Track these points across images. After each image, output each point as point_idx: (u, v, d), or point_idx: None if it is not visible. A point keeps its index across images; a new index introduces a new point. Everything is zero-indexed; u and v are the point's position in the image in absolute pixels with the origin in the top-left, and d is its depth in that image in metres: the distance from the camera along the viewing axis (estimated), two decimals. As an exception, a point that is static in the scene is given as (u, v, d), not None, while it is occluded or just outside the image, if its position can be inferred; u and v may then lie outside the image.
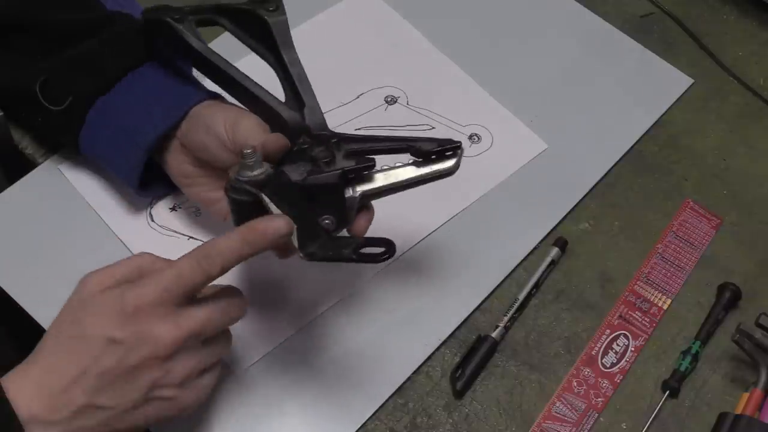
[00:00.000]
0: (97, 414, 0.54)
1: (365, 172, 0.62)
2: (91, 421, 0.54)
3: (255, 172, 0.58)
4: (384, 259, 0.57)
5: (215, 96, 0.69)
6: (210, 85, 0.68)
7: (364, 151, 0.62)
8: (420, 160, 0.62)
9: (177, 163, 0.68)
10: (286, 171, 0.60)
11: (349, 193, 0.61)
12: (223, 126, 0.64)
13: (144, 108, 0.67)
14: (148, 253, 0.59)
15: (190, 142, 0.66)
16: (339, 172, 0.60)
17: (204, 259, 0.55)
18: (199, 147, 0.66)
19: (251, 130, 0.63)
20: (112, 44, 0.69)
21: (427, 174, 0.62)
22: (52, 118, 0.69)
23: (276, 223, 0.56)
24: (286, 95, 0.65)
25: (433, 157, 0.62)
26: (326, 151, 0.61)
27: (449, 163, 0.62)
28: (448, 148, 0.62)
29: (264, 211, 0.58)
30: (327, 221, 0.60)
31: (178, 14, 0.66)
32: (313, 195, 0.60)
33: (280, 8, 0.66)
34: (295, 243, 0.57)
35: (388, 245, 0.58)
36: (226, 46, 0.70)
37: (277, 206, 0.58)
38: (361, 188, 0.62)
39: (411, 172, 0.62)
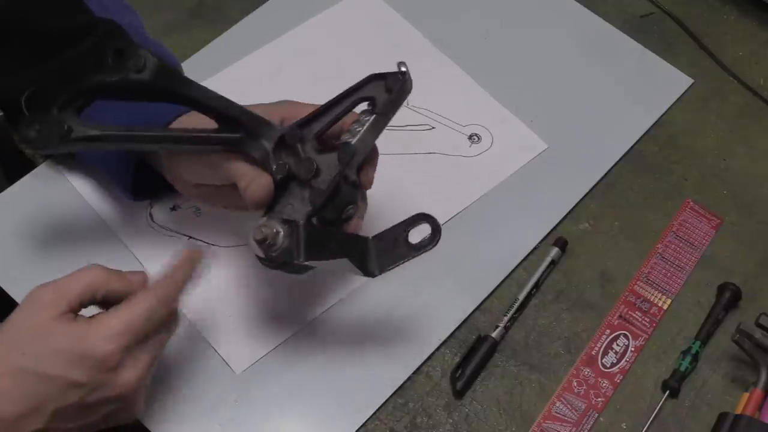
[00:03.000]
0: None
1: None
2: None
3: (279, 245, 0.58)
4: (436, 242, 0.61)
5: (188, 111, 0.69)
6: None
7: (328, 127, 0.62)
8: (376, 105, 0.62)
9: (170, 171, 0.68)
10: (291, 209, 0.60)
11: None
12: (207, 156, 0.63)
13: (126, 120, 0.67)
14: (98, 267, 0.58)
15: (172, 156, 0.66)
16: (335, 180, 0.60)
17: (171, 301, 0.57)
18: (180, 163, 0.66)
19: (235, 172, 0.62)
20: (93, 53, 0.69)
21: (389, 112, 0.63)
22: None
23: (192, 252, 0.60)
24: (220, 126, 0.62)
25: (388, 92, 0.62)
26: (304, 163, 0.60)
27: (397, 99, 0.63)
28: (394, 80, 0.62)
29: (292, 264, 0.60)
30: (351, 210, 0.62)
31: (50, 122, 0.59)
32: (328, 210, 0.61)
33: (147, 63, 0.59)
34: (359, 274, 0.60)
35: (432, 225, 0.61)
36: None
37: (330, 262, 0.60)
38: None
39: (368, 123, 0.62)
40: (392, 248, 0.62)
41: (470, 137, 0.81)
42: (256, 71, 0.82)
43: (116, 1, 0.75)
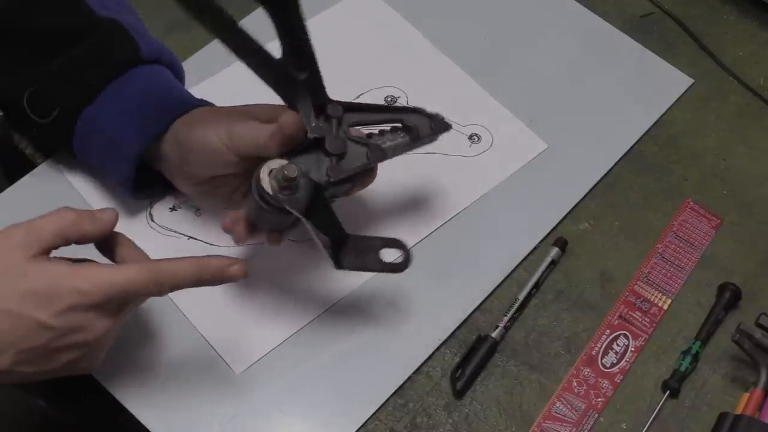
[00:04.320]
0: (13, 376, 0.55)
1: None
2: (8, 379, 0.55)
3: (297, 195, 0.60)
4: (404, 269, 0.65)
5: (204, 104, 0.69)
6: (202, 90, 0.68)
7: (362, 124, 0.66)
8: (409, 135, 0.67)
9: (174, 169, 0.68)
10: (306, 169, 0.61)
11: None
12: (215, 137, 0.63)
13: (127, 119, 0.67)
14: (69, 209, 0.57)
15: (183, 152, 0.66)
16: (358, 169, 0.63)
17: (156, 285, 0.56)
18: (192, 157, 0.66)
19: (251, 131, 0.62)
20: (95, 52, 0.69)
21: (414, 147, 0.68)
22: (43, 129, 0.69)
23: (233, 270, 0.59)
24: (284, 54, 0.63)
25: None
26: (338, 139, 0.63)
27: (434, 139, 0.68)
28: (440, 125, 0.68)
29: (283, 214, 0.61)
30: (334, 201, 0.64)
31: None
32: (330, 191, 0.64)
33: None
34: (330, 260, 0.62)
35: (405, 254, 0.65)
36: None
37: (316, 231, 0.61)
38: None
39: (402, 143, 0.67)
40: (364, 255, 0.65)
41: (470, 137, 0.81)
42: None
43: (117, 1, 0.75)
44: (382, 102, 0.82)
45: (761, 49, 0.91)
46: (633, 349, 0.72)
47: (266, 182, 0.60)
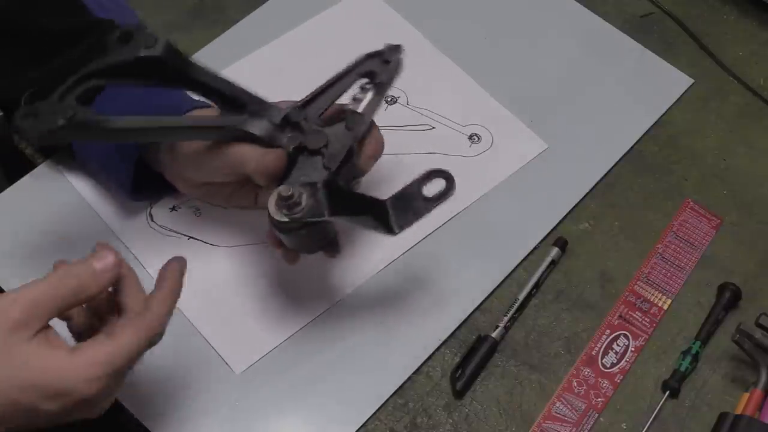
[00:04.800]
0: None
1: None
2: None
3: (304, 204, 0.59)
4: (451, 192, 0.64)
5: (201, 105, 0.69)
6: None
7: (329, 105, 0.65)
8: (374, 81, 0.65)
9: (172, 172, 0.68)
10: (305, 179, 0.61)
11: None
12: (204, 146, 0.63)
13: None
14: (68, 276, 0.52)
15: (177, 157, 0.66)
16: (349, 145, 0.63)
17: (157, 337, 0.54)
18: (185, 162, 0.66)
19: (245, 154, 0.62)
20: (92, 53, 0.69)
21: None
22: None
23: (178, 264, 0.57)
24: (223, 111, 0.63)
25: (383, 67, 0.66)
26: (314, 135, 0.62)
27: (396, 70, 0.66)
28: (391, 52, 0.66)
29: (314, 227, 0.61)
30: (355, 184, 0.65)
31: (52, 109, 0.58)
32: (340, 177, 0.63)
33: (158, 41, 0.59)
34: (385, 233, 0.62)
35: (447, 179, 0.63)
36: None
37: (353, 220, 0.62)
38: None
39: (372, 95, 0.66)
40: (408, 206, 0.64)
41: (470, 137, 0.81)
42: (256, 71, 0.82)
43: (116, 2, 0.75)
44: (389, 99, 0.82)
45: (761, 49, 0.91)
46: (633, 349, 0.72)
47: (276, 212, 0.59)
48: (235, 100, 0.62)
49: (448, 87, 0.84)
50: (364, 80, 0.66)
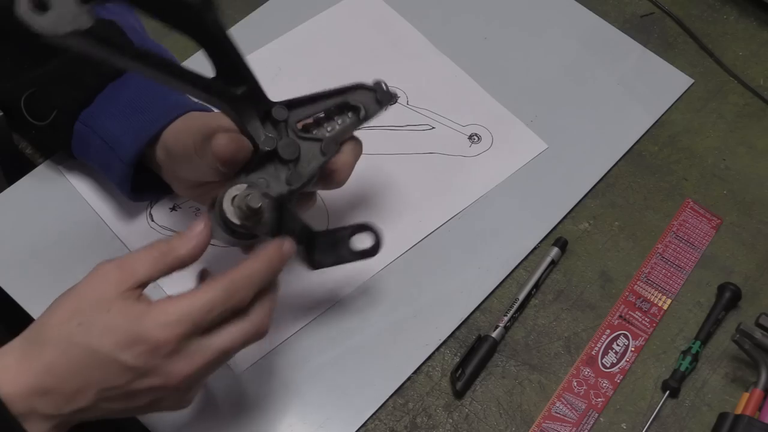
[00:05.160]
0: (100, 412, 0.54)
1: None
2: (93, 414, 0.54)
3: (265, 218, 0.57)
4: (376, 252, 0.65)
5: (199, 107, 0.69)
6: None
7: (310, 116, 0.63)
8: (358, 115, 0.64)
9: (168, 173, 0.68)
10: (265, 184, 0.59)
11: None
12: (192, 144, 0.62)
13: (124, 121, 0.67)
14: (161, 241, 0.55)
15: (170, 157, 0.66)
16: (315, 169, 0.61)
17: (236, 293, 0.54)
18: (177, 163, 0.65)
19: (221, 147, 0.60)
20: None
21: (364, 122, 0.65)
22: (41, 131, 0.69)
23: (287, 245, 0.58)
24: (218, 73, 0.60)
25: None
26: (290, 145, 0.60)
27: (381, 111, 0.65)
28: (384, 96, 0.65)
29: (246, 239, 0.59)
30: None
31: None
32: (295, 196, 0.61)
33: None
34: (304, 263, 0.61)
35: (375, 237, 0.65)
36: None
37: (290, 236, 0.59)
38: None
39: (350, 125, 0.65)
40: (333, 248, 0.64)
41: (470, 137, 0.81)
42: (256, 71, 0.82)
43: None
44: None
45: (761, 49, 0.91)
46: (633, 349, 0.72)
47: (230, 212, 0.57)
48: (241, 71, 0.59)
49: (448, 87, 0.84)
50: (349, 108, 0.65)
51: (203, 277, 0.59)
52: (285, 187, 0.60)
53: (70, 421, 0.54)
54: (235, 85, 0.59)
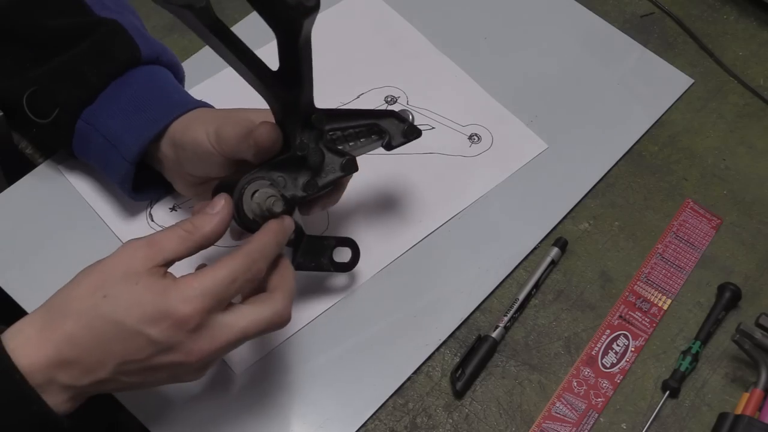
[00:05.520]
0: (117, 385, 0.55)
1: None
2: (110, 387, 0.55)
3: (278, 212, 0.59)
4: (351, 268, 0.69)
5: (202, 105, 0.69)
6: (202, 90, 0.68)
7: (341, 131, 0.66)
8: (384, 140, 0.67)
9: (172, 170, 0.68)
10: (283, 183, 0.61)
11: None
12: (205, 137, 0.63)
13: (127, 119, 0.67)
14: (185, 221, 0.57)
15: (178, 153, 0.66)
16: (331, 184, 0.63)
17: (254, 263, 0.56)
18: (186, 158, 0.66)
19: (236, 137, 0.62)
20: (94, 53, 0.69)
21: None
22: (43, 129, 0.69)
23: (288, 221, 0.60)
24: (281, 69, 0.62)
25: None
26: (317, 153, 0.62)
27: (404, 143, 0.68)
28: (412, 131, 0.68)
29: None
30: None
31: None
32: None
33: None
34: (289, 256, 0.62)
35: (353, 252, 0.68)
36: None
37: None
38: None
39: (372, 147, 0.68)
40: (315, 255, 0.67)
41: (470, 137, 0.81)
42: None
43: (117, 1, 0.75)
44: (381, 102, 0.82)
45: (761, 49, 0.91)
46: (633, 349, 0.72)
47: (247, 205, 0.59)
48: (299, 78, 0.60)
49: (448, 87, 0.84)
50: (375, 132, 0.67)
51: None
52: (300, 192, 0.62)
53: (86, 392, 0.55)
54: (291, 86, 0.61)
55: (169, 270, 0.56)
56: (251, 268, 0.56)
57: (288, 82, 0.60)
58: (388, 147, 0.67)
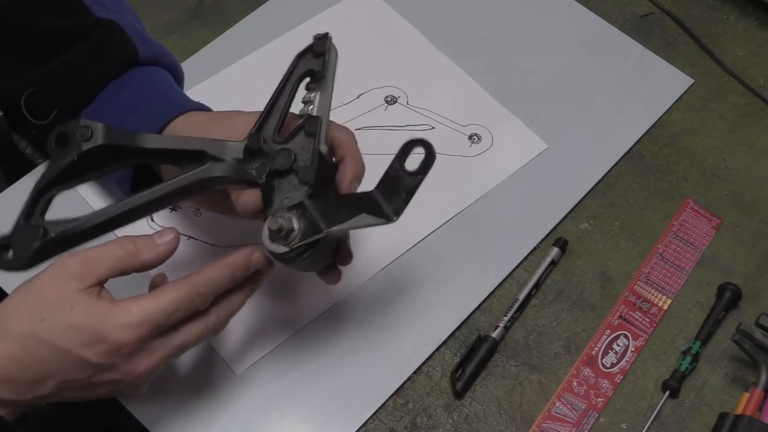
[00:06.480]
0: (62, 398, 0.56)
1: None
2: (55, 399, 0.56)
3: (297, 228, 0.58)
4: (432, 161, 0.60)
5: (199, 107, 0.69)
6: (202, 90, 0.68)
7: (283, 119, 0.63)
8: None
9: (167, 173, 0.68)
10: (288, 201, 0.60)
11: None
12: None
13: (125, 120, 0.67)
14: (127, 240, 0.57)
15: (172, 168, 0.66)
16: (316, 151, 0.61)
17: (198, 297, 0.56)
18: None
19: (250, 204, 0.61)
20: (92, 54, 0.69)
21: None
22: (42, 130, 0.69)
23: (256, 255, 0.59)
24: (183, 167, 0.62)
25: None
26: (280, 155, 0.61)
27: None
28: (319, 44, 0.64)
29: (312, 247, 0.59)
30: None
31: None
32: (321, 186, 0.61)
33: (95, 130, 0.59)
34: (380, 223, 0.59)
35: (426, 148, 0.60)
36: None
37: (346, 224, 0.59)
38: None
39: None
40: (397, 187, 0.61)
41: (470, 137, 0.81)
42: (256, 71, 0.82)
43: (116, 2, 0.75)
44: (381, 102, 0.82)
45: (761, 49, 0.91)
46: (633, 349, 0.72)
47: (272, 245, 0.58)
48: (192, 153, 0.61)
49: (448, 87, 0.84)
50: (307, 80, 0.64)
51: (157, 282, 0.59)
52: (304, 188, 0.60)
53: (31, 404, 0.56)
54: (202, 161, 0.61)
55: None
56: (194, 301, 0.56)
57: (194, 163, 0.61)
58: (324, 81, 0.63)
